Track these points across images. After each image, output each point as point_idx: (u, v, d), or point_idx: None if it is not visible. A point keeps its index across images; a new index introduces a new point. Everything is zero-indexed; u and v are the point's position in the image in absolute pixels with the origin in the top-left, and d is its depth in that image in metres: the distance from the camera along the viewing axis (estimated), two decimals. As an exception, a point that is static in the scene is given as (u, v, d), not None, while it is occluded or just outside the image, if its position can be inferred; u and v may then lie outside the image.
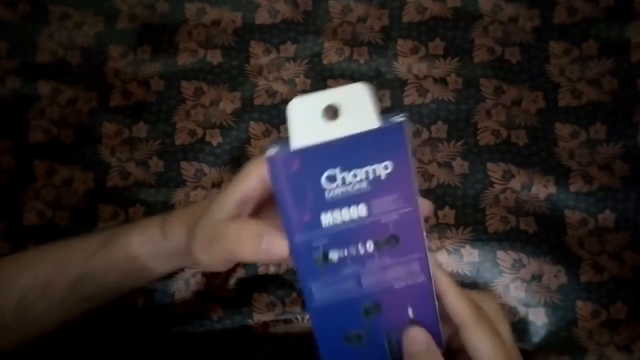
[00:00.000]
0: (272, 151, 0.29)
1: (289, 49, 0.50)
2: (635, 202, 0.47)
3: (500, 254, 0.47)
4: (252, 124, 0.49)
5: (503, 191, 0.48)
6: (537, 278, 0.46)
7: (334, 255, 0.31)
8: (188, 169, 0.49)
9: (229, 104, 0.50)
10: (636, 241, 0.47)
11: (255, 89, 0.50)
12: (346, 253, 0.31)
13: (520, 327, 0.46)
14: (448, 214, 0.47)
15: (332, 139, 0.29)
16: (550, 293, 0.46)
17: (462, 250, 0.47)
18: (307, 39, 0.50)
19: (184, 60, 0.50)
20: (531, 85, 0.49)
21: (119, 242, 0.39)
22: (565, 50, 0.50)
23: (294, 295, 0.46)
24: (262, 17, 0.51)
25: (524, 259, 0.46)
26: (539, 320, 0.46)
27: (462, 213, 0.47)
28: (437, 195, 0.48)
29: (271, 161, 0.29)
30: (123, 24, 0.51)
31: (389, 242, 0.31)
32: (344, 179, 0.30)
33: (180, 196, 0.48)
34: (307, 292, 0.31)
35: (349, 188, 0.30)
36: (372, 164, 0.30)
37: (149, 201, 0.48)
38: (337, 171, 0.29)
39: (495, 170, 0.48)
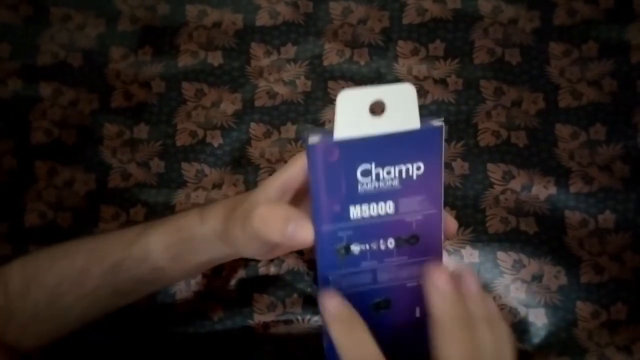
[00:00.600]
0: (315, 138, 0.29)
1: (290, 50, 0.51)
2: (635, 202, 0.47)
3: (501, 254, 0.47)
4: (252, 125, 0.49)
5: (503, 192, 0.48)
6: (537, 278, 0.46)
7: (355, 248, 0.31)
8: (189, 169, 0.49)
9: (229, 105, 0.50)
10: (636, 242, 0.47)
11: (255, 90, 0.50)
12: (368, 247, 0.31)
13: (520, 328, 0.46)
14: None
15: (374, 134, 0.29)
16: (550, 293, 0.46)
17: (462, 250, 0.47)
18: (308, 40, 0.51)
19: (184, 61, 0.50)
20: (531, 86, 0.49)
21: (156, 231, 0.38)
22: (565, 52, 0.50)
23: (295, 295, 0.46)
24: (262, 19, 0.51)
25: (524, 259, 0.47)
26: (539, 320, 0.46)
27: (462, 213, 0.47)
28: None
29: (312, 148, 0.29)
30: (124, 25, 0.51)
31: (409, 240, 0.32)
32: (377, 175, 0.30)
33: (181, 197, 0.48)
34: (322, 279, 0.32)
35: (381, 184, 0.30)
36: (406, 163, 0.30)
37: (149, 202, 0.48)
38: (372, 166, 0.30)
39: (495, 171, 0.48)
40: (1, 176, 0.49)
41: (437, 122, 0.30)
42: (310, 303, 0.46)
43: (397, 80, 0.50)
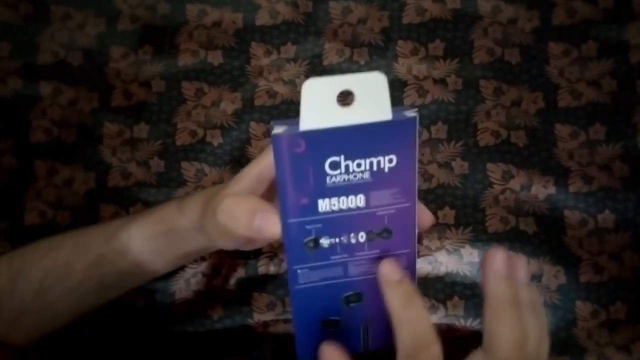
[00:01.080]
0: (280, 129, 0.28)
1: (289, 49, 0.51)
2: (635, 202, 0.47)
3: (500, 253, 0.47)
4: (252, 124, 0.49)
5: (502, 191, 0.48)
6: (536, 278, 0.46)
7: (324, 241, 0.30)
8: (188, 169, 0.49)
9: (229, 105, 0.50)
10: (635, 241, 0.47)
11: (255, 90, 0.50)
12: (337, 240, 0.31)
13: (519, 327, 0.46)
14: (447, 214, 0.47)
15: (342, 125, 0.28)
16: (550, 293, 0.46)
17: (462, 250, 0.47)
18: (308, 39, 0.51)
19: (184, 60, 0.50)
20: (530, 85, 0.49)
21: (136, 224, 0.38)
22: (565, 51, 0.50)
23: (294, 294, 0.46)
24: (262, 18, 0.51)
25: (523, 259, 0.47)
26: (538, 320, 0.46)
27: (462, 213, 0.47)
28: (437, 195, 0.48)
29: (277, 139, 0.28)
30: (124, 24, 0.51)
31: (381, 234, 0.31)
32: (347, 167, 0.29)
33: (181, 196, 0.48)
34: (291, 273, 0.31)
35: (351, 177, 0.29)
36: (377, 156, 0.29)
37: (149, 201, 0.49)
38: (341, 158, 0.29)
39: (494, 171, 0.48)
40: (1, 175, 0.49)
41: (411, 113, 0.29)
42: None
43: (397, 80, 0.50)
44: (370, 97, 0.28)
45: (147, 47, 0.51)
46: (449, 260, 0.47)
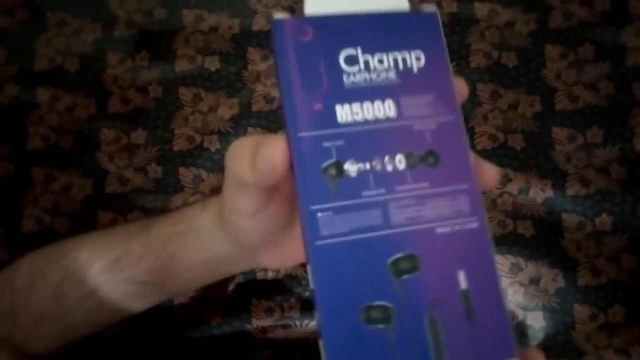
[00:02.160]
0: (281, 15, 0.24)
1: (286, 54, 0.51)
2: (632, 205, 0.47)
3: (498, 257, 0.47)
4: (249, 129, 0.49)
5: (500, 195, 0.48)
6: (534, 281, 0.46)
7: (351, 167, 0.23)
8: (186, 174, 0.49)
9: (226, 110, 0.50)
10: (633, 244, 0.47)
11: (252, 95, 0.50)
12: (368, 166, 0.23)
13: (518, 331, 0.46)
14: (445, 218, 0.47)
15: (355, 11, 0.24)
16: (548, 296, 0.46)
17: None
18: (304, 44, 0.51)
19: (181, 66, 0.50)
20: (527, 89, 0.49)
21: (158, 224, 0.36)
22: (561, 54, 0.50)
23: (292, 300, 0.46)
24: (259, 23, 0.51)
25: (521, 262, 0.47)
26: (536, 323, 0.46)
27: (460, 217, 0.47)
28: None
29: (278, 25, 0.23)
30: (121, 30, 0.51)
31: (426, 158, 0.23)
32: (366, 63, 0.24)
33: (179, 202, 0.48)
34: (308, 218, 0.22)
35: (373, 76, 0.24)
36: (401, 50, 0.24)
37: (147, 207, 0.48)
38: (358, 51, 0.24)
39: (492, 174, 0.48)
40: (-2, 182, 0.49)
41: (430, 8, 0.25)
42: (308, 308, 0.46)
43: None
44: None
45: (144, 53, 0.51)
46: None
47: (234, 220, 0.29)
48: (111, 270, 0.36)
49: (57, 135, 0.50)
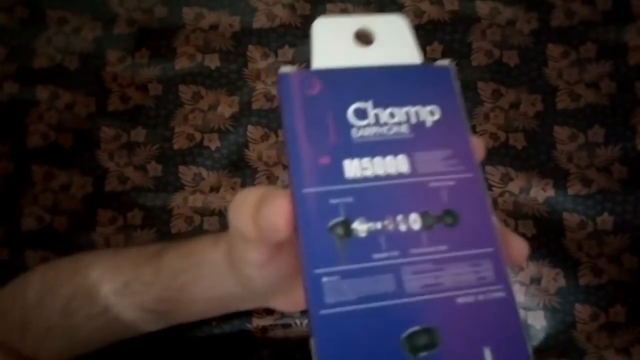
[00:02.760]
0: (287, 68, 0.23)
1: (287, 52, 0.50)
2: (634, 204, 0.47)
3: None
4: (250, 127, 0.49)
5: (501, 194, 0.48)
6: (535, 281, 0.46)
7: (360, 226, 0.20)
8: (186, 173, 0.49)
9: (226, 108, 0.50)
10: (634, 243, 0.47)
11: (253, 93, 0.50)
12: (379, 226, 0.20)
13: (519, 330, 0.46)
14: (446, 217, 0.47)
15: (364, 65, 0.23)
16: (549, 296, 0.46)
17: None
18: (305, 42, 0.50)
19: (181, 64, 0.50)
20: (529, 88, 0.49)
21: (169, 253, 0.35)
22: (563, 53, 0.50)
23: (293, 299, 0.46)
24: (259, 21, 0.51)
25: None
26: (537, 323, 0.46)
27: (461, 216, 0.47)
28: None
29: (284, 78, 0.22)
30: (121, 28, 0.51)
31: (443, 218, 0.21)
32: (377, 117, 0.22)
33: (179, 200, 0.48)
34: (312, 283, 0.19)
35: (384, 130, 0.22)
36: (414, 104, 0.23)
37: (147, 205, 0.48)
38: (368, 105, 0.22)
39: (493, 173, 0.48)
40: (-2, 180, 0.49)
41: (444, 62, 0.24)
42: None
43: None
44: (393, 38, 0.23)
45: (144, 51, 0.51)
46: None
47: (241, 269, 0.28)
48: (121, 293, 0.36)
49: (56, 133, 0.50)
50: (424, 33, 0.50)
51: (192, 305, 0.36)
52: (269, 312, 0.46)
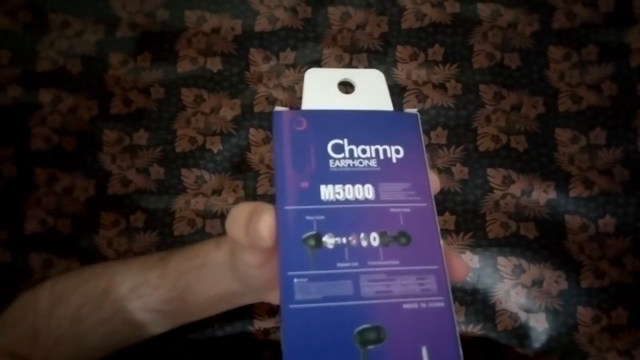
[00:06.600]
0: (281, 108, 0.29)
1: (289, 55, 0.51)
2: (635, 206, 0.47)
3: (501, 259, 0.47)
4: (252, 130, 0.49)
5: (503, 196, 0.48)
6: (537, 283, 0.46)
7: (329, 240, 0.25)
8: (188, 175, 0.49)
9: (228, 111, 0.50)
10: (636, 246, 0.47)
11: (254, 96, 0.50)
12: (345, 240, 0.25)
13: (520, 333, 0.46)
14: (448, 220, 0.47)
15: (344, 109, 0.28)
16: (551, 298, 0.46)
17: (462, 255, 0.47)
18: (307, 45, 0.51)
19: (183, 67, 0.50)
20: (530, 90, 0.49)
21: (174, 258, 0.38)
22: (565, 55, 0.50)
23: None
24: (261, 24, 0.51)
25: (524, 264, 0.46)
26: (539, 325, 0.46)
27: (462, 218, 0.47)
28: (437, 201, 0.47)
29: (278, 115, 0.28)
30: (123, 31, 0.51)
31: (398, 238, 0.26)
32: (351, 152, 0.27)
33: (181, 203, 0.48)
34: (285, 282, 0.24)
35: (356, 162, 0.27)
36: (382, 144, 0.28)
37: (149, 208, 0.48)
38: (345, 141, 0.28)
39: (495, 176, 0.48)
40: (1, 183, 0.49)
41: (412, 110, 0.29)
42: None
43: (396, 85, 0.50)
44: (370, 89, 0.29)
45: (146, 54, 0.51)
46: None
47: (241, 268, 0.32)
48: (128, 297, 0.37)
49: (59, 137, 0.50)
50: (425, 36, 0.50)
51: (196, 303, 0.38)
52: (271, 314, 0.46)
